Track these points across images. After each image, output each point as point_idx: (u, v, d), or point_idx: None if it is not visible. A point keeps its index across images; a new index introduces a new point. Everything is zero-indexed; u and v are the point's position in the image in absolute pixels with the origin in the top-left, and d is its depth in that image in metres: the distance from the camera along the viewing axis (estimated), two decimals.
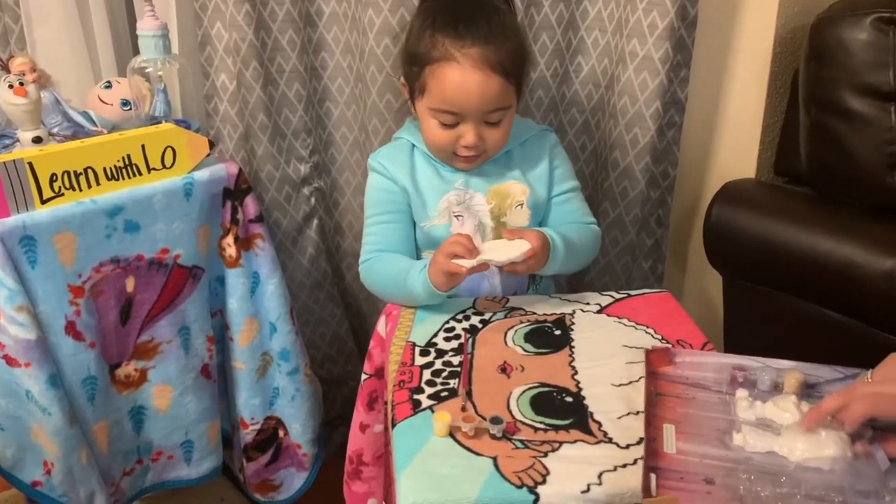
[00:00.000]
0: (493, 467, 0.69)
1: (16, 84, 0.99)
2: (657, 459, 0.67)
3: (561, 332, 0.92)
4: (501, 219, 1.02)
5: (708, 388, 0.77)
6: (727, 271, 1.21)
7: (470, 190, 1.01)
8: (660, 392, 0.76)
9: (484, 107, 0.93)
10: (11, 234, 0.91)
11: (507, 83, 0.93)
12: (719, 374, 0.79)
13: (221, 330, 1.17)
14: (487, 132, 0.95)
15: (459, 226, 1.01)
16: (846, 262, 1.02)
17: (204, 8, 1.22)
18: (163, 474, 1.17)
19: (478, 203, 1.01)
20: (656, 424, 0.71)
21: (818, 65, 1.07)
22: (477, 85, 0.91)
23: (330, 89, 1.31)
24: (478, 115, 0.94)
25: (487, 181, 1.02)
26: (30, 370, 0.94)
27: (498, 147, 0.98)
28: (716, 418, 0.73)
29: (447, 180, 1.02)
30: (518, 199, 1.02)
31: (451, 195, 1.01)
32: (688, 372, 0.80)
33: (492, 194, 1.02)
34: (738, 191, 1.19)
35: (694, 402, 0.75)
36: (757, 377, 0.77)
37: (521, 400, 0.79)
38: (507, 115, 0.96)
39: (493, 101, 0.93)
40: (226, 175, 1.07)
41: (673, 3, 1.11)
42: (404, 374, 0.84)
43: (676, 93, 1.19)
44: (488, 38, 0.91)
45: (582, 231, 1.04)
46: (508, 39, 0.93)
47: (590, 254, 1.06)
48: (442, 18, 0.94)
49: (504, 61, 0.92)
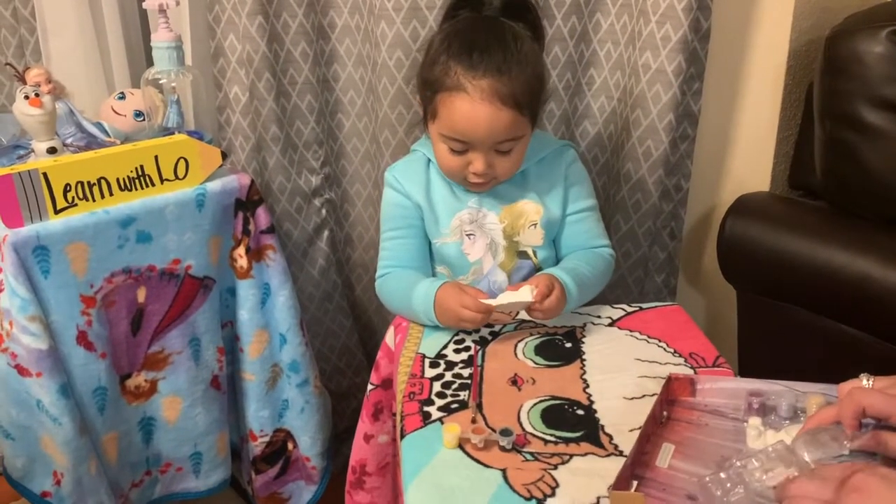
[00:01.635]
0: (503, 479, 0.69)
1: (31, 95, 1.00)
2: (644, 469, 0.66)
3: (572, 344, 0.91)
4: (514, 238, 1.01)
5: (724, 415, 0.75)
6: (741, 285, 1.20)
7: (483, 209, 1.01)
8: (672, 417, 0.75)
9: (493, 139, 0.91)
10: (25, 243, 0.91)
11: (520, 115, 0.91)
12: (736, 400, 0.76)
13: (232, 341, 1.17)
14: (498, 160, 0.94)
15: (471, 244, 1.01)
16: (862, 277, 1.00)
17: (217, 20, 1.23)
18: (171, 486, 1.16)
19: (490, 222, 1.01)
20: (655, 441, 0.70)
21: (833, 78, 1.06)
22: (486, 117, 0.89)
23: (342, 101, 1.31)
24: (487, 146, 0.93)
25: (501, 200, 1.01)
26: (41, 380, 0.94)
27: (509, 173, 0.97)
28: (723, 445, 0.71)
29: (460, 199, 1.01)
30: (532, 219, 1.01)
31: (464, 213, 1.01)
32: (708, 399, 0.77)
33: (505, 213, 1.01)
34: (752, 204, 1.18)
35: (705, 428, 0.73)
36: (776, 402, 0.73)
37: (533, 412, 0.78)
38: (519, 143, 0.94)
39: (502, 133, 0.91)
40: (238, 186, 1.08)
41: (686, 16, 1.10)
42: (414, 386, 0.83)
43: (689, 105, 1.19)
44: (501, 69, 0.89)
45: (594, 260, 1.01)
46: (524, 71, 0.90)
47: (603, 282, 1.03)
48: (458, 44, 0.92)
49: (516, 94, 0.89)
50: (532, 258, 1.03)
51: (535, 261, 1.03)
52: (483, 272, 1.02)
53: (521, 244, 1.01)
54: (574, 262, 1.00)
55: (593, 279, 0.99)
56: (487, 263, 1.01)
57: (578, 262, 1.00)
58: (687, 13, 1.10)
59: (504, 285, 1.00)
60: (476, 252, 1.01)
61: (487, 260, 1.01)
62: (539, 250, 1.02)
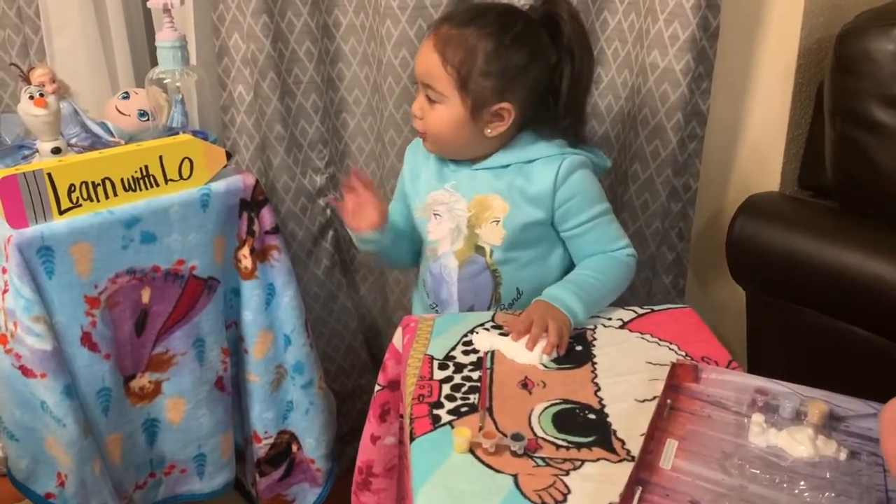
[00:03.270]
0: (513, 485, 0.68)
1: (36, 95, 0.99)
2: (648, 473, 0.66)
3: (583, 347, 0.90)
4: (476, 230, 1.00)
5: (727, 407, 0.75)
6: (751, 286, 1.19)
7: (457, 193, 1.01)
8: (675, 406, 0.75)
9: (420, 75, 0.97)
10: (30, 244, 0.91)
11: (441, 67, 0.93)
12: (741, 394, 0.76)
13: (236, 342, 1.16)
14: (428, 109, 0.97)
15: (435, 224, 1.02)
16: (874, 278, 0.99)
17: (222, 19, 1.22)
18: (175, 488, 1.16)
19: (460, 208, 1.01)
20: (659, 438, 0.70)
21: (844, 76, 1.05)
22: (421, 51, 0.97)
23: (347, 100, 1.31)
24: (421, 85, 0.97)
25: (475, 189, 1.01)
26: (45, 381, 0.94)
27: (432, 132, 0.98)
28: (724, 440, 0.70)
29: (443, 178, 1.03)
30: (495, 216, 0.99)
31: (438, 193, 1.02)
32: (710, 389, 0.78)
33: (474, 203, 1.00)
34: (762, 204, 1.17)
35: (707, 420, 0.73)
36: (779, 403, 0.74)
37: (544, 416, 0.77)
38: (440, 101, 0.95)
39: (423, 72, 0.96)
40: (242, 186, 1.07)
41: (694, 14, 1.09)
42: (423, 389, 0.82)
43: (698, 104, 1.18)
44: (458, 21, 0.94)
45: (605, 266, 0.98)
46: (479, 35, 0.93)
47: (620, 284, 0.99)
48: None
49: (450, 44, 0.93)
50: (486, 256, 1.01)
51: (488, 260, 1.01)
52: (437, 254, 1.03)
53: (481, 238, 1.00)
54: (579, 273, 0.98)
55: (603, 286, 0.97)
56: (444, 246, 1.02)
57: (585, 272, 0.98)
58: (695, 11, 1.09)
59: (454, 273, 1.02)
60: (437, 233, 1.03)
61: (445, 243, 1.02)
62: (496, 250, 1.00)
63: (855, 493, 0.64)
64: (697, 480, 0.65)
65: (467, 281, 1.02)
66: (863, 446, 0.70)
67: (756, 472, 0.66)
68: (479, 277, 1.02)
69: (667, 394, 0.75)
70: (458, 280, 1.02)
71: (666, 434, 0.71)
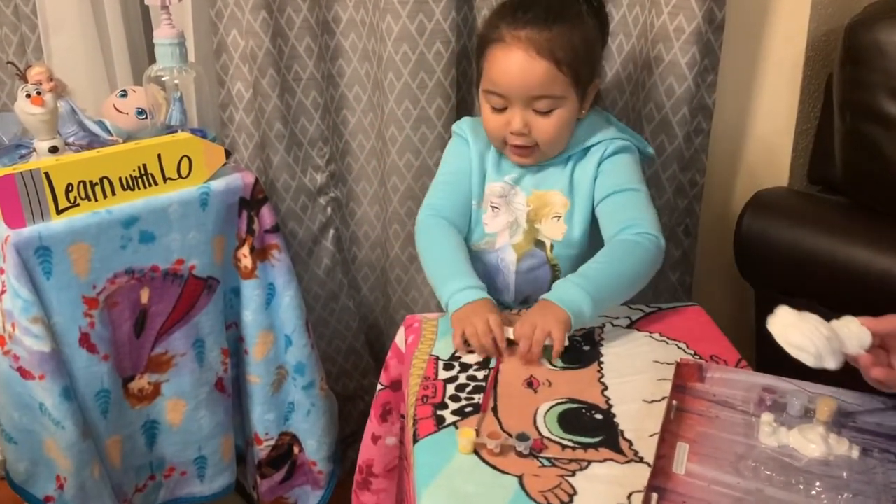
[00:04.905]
0: (519, 486, 0.67)
1: (33, 93, 0.98)
2: (663, 479, 0.64)
3: (590, 346, 0.88)
4: (535, 224, 1.00)
5: (734, 407, 0.74)
6: (759, 283, 1.17)
7: (517, 187, 1.00)
8: (682, 407, 0.73)
9: (527, 90, 0.91)
10: (27, 244, 0.90)
11: (556, 70, 0.90)
12: (748, 393, 0.75)
13: (236, 343, 1.15)
14: (535, 120, 0.93)
15: (492, 216, 1.01)
16: (885, 274, 0.98)
17: (220, 15, 1.21)
18: (175, 490, 1.15)
19: (519, 202, 1.00)
20: (670, 442, 0.69)
21: (853, 68, 1.04)
22: (518, 65, 0.90)
23: (347, 97, 1.29)
24: (523, 100, 0.92)
25: (535, 184, 1.00)
26: (43, 383, 0.93)
27: (549, 141, 0.95)
28: (735, 441, 0.69)
29: (501, 171, 1.01)
30: (556, 211, 0.99)
31: (497, 185, 1.01)
32: (716, 389, 0.76)
33: (534, 197, 1.00)
34: (770, 199, 1.15)
35: (716, 421, 0.72)
36: (787, 401, 0.73)
37: (549, 416, 0.76)
38: (558, 106, 0.93)
39: (535, 85, 0.91)
40: (242, 185, 1.06)
41: (700, 7, 1.08)
42: (427, 389, 0.81)
43: (704, 98, 1.16)
44: (541, 23, 0.90)
45: (621, 253, 0.92)
46: (568, 30, 0.91)
47: (641, 270, 0.93)
48: (509, 3, 0.95)
49: (554, 47, 0.90)
50: (547, 251, 1.01)
51: (549, 255, 1.01)
52: (495, 246, 1.02)
53: (541, 233, 1.00)
54: (591, 266, 0.92)
55: (620, 276, 0.91)
56: (502, 240, 1.01)
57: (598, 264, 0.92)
58: (700, 3, 1.07)
59: (512, 266, 1.01)
60: (494, 225, 1.01)
61: (504, 237, 1.01)
62: (557, 245, 1.00)
63: (871, 493, 0.63)
64: (713, 485, 0.64)
65: (525, 274, 1.02)
66: (873, 442, 0.69)
67: (770, 473, 0.65)
68: (538, 271, 1.01)
69: (674, 394, 0.74)
70: (515, 272, 1.02)
71: (676, 437, 0.69)
